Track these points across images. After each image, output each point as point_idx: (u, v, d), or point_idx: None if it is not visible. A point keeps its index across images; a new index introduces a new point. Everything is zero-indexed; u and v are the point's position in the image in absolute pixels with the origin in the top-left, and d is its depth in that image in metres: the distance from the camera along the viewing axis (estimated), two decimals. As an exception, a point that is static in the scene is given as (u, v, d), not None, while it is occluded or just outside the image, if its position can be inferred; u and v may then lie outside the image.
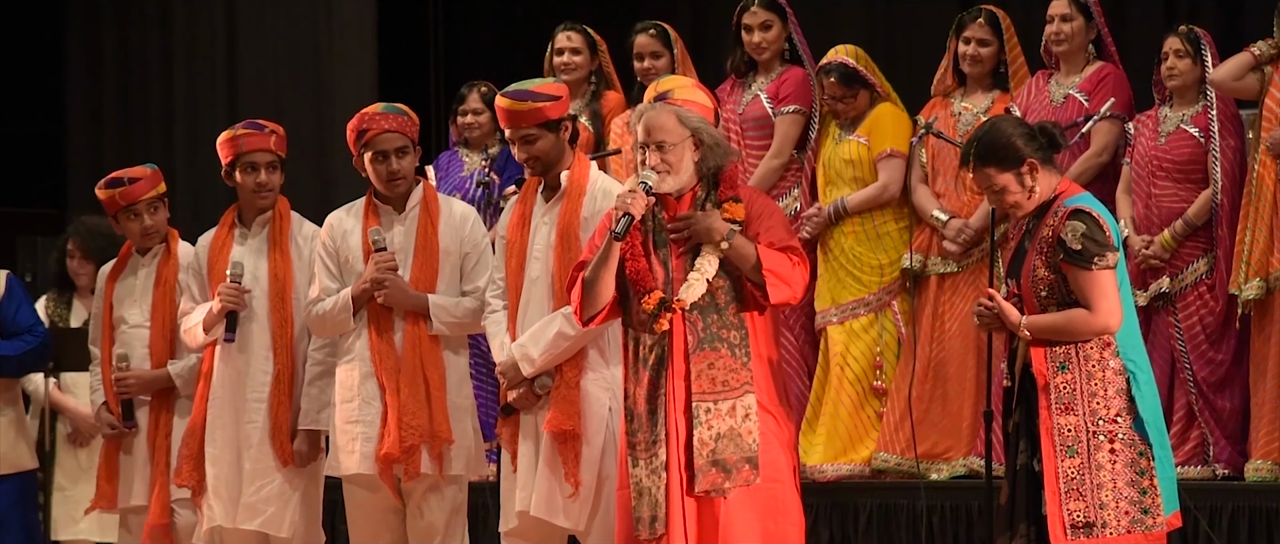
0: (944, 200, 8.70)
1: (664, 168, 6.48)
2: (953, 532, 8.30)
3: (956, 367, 8.61)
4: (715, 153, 6.52)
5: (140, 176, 7.91)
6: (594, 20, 9.40)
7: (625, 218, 6.37)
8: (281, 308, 7.57)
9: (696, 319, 6.43)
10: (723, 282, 6.44)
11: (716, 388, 6.41)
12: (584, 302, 6.53)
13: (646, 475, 6.43)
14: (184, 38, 12.68)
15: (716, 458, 6.38)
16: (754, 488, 6.41)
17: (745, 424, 6.40)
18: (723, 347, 6.43)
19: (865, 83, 8.74)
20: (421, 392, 7.23)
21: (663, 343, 6.45)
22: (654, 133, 6.49)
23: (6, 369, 8.05)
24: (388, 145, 7.32)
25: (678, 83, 6.75)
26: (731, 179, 6.56)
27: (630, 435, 6.50)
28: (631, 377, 6.54)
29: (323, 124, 12.04)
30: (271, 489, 7.56)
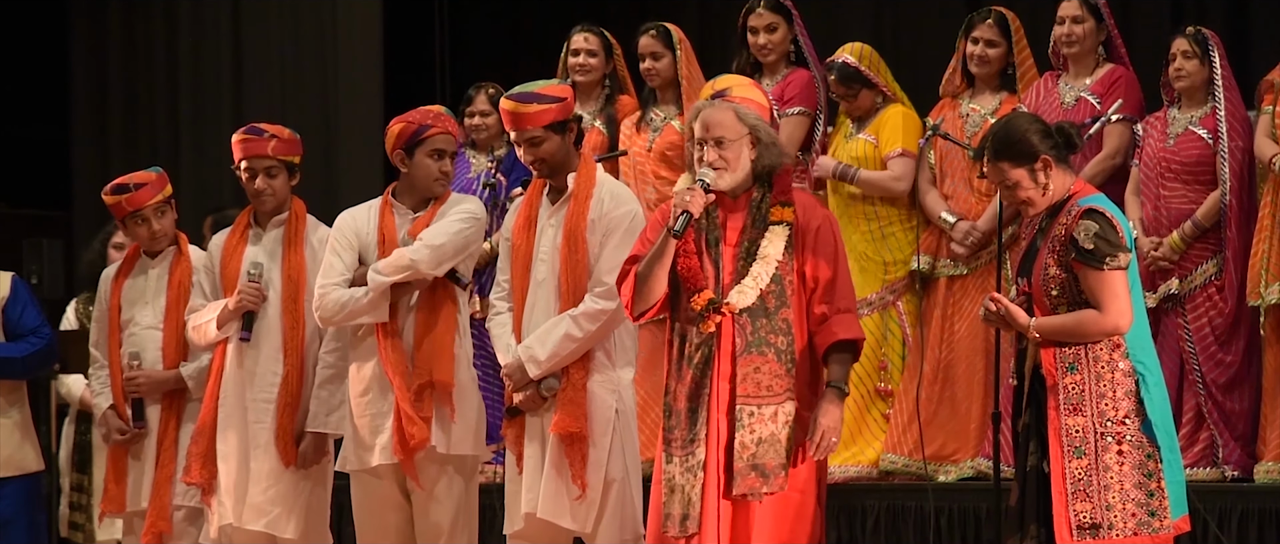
0: (952, 202, 8.70)
1: (722, 164, 6.46)
2: (961, 533, 8.30)
3: (965, 368, 8.61)
4: (771, 152, 6.52)
5: (146, 181, 7.89)
6: (600, 21, 9.39)
7: (684, 215, 6.37)
8: (294, 309, 7.57)
9: (745, 322, 6.42)
10: (773, 286, 6.44)
11: (760, 392, 6.40)
12: (636, 296, 6.52)
13: (680, 473, 6.43)
14: (189, 40, 12.69)
15: (756, 462, 6.38)
16: (783, 495, 6.41)
17: (784, 431, 6.40)
18: (769, 351, 6.42)
19: (866, 82, 8.74)
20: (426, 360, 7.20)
21: (709, 343, 6.45)
22: (713, 129, 6.49)
23: (13, 371, 8.04)
24: (446, 146, 7.33)
25: (735, 81, 6.75)
26: (785, 181, 6.56)
27: (667, 432, 6.50)
28: (674, 374, 6.54)
29: (329, 125, 12.05)
30: (278, 490, 7.55)
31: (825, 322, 6.46)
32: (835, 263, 6.50)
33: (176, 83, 12.69)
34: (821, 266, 6.47)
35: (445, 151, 7.31)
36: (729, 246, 6.50)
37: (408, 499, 7.35)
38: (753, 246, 6.47)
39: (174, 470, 7.78)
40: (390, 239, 7.30)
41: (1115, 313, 6.17)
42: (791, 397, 6.42)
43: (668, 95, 9.12)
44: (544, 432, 6.98)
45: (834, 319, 6.45)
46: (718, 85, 6.68)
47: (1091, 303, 6.19)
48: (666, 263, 6.48)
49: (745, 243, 6.48)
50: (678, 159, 9.01)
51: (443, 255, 7.19)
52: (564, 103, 7.03)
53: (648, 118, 9.13)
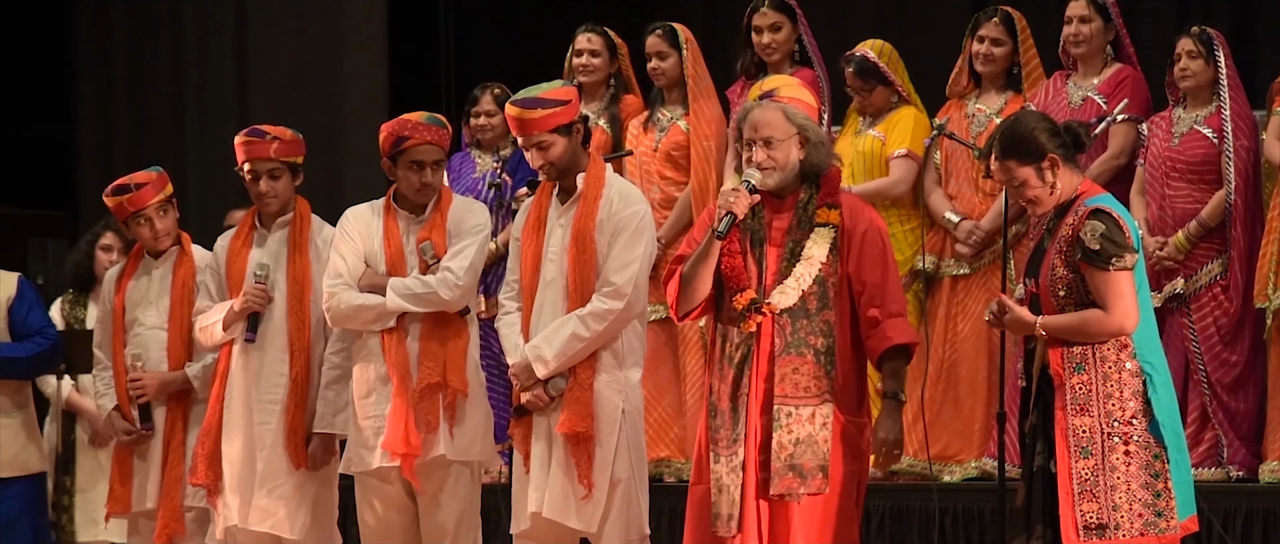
0: (957, 202, 8.70)
1: (769, 164, 6.47)
2: (965, 534, 8.30)
3: (969, 368, 8.61)
4: (819, 152, 6.53)
5: (146, 181, 7.88)
6: (605, 21, 9.39)
7: (728, 216, 6.38)
8: (299, 311, 7.57)
9: (786, 322, 6.43)
10: (816, 288, 6.44)
11: (799, 393, 6.41)
12: (681, 296, 6.55)
13: (726, 472, 6.44)
14: (194, 40, 12.68)
15: (793, 462, 6.39)
16: (824, 498, 6.42)
17: (822, 432, 6.41)
18: (809, 352, 6.42)
19: (883, 79, 8.75)
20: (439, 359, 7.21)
21: (749, 342, 6.46)
22: (761, 129, 6.49)
23: (17, 371, 8.04)
24: (425, 157, 7.30)
25: (783, 81, 6.79)
26: (833, 183, 6.56)
27: (712, 431, 6.51)
28: (716, 373, 6.55)
29: (333, 125, 12.05)
30: (283, 491, 7.54)
31: (877, 326, 6.47)
32: (884, 266, 6.50)
33: (181, 83, 12.69)
34: (869, 269, 6.47)
35: (425, 163, 7.26)
36: (774, 247, 6.52)
37: (413, 500, 7.35)
38: (797, 247, 6.48)
39: (183, 471, 7.78)
40: (395, 243, 7.30)
41: (1120, 313, 6.16)
42: (830, 399, 6.43)
43: (674, 95, 9.12)
44: (551, 431, 6.97)
45: (887, 323, 6.47)
46: (766, 86, 6.70)
47: (1098, 303, 6.19)
48: (711, 263, 6.50)
49: (790, 243, 6.49)
50: (683, 159, 9.00)
51: (470, 293, 7.25)
52: (569, 105, 7.02)
53: (654, 118, 9.12)
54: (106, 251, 9.47)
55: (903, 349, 6.51)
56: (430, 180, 7.31)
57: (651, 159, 9.06)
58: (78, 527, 9.41)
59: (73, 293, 9.57)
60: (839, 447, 6.45)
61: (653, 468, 8.87)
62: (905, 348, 6.51)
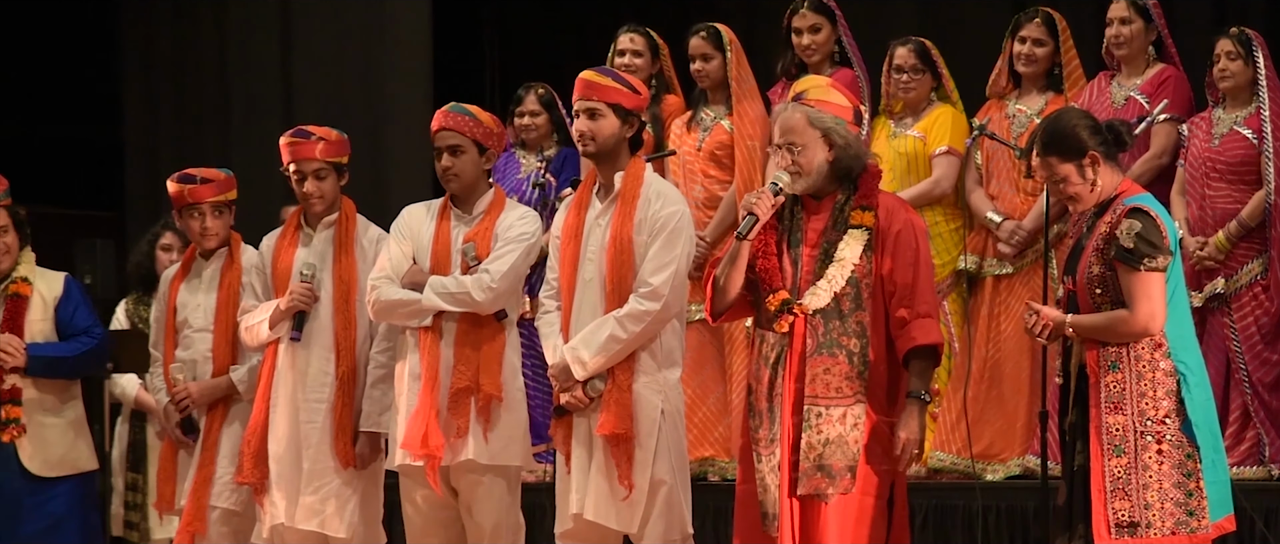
0: (998, 202, 8.71)
1: (795, 168, 6.49)
2: (1009, 532, 8.29)
3: (1012, 367, 8.61)
4: (848, 154, 6.52)
5: (211, 178, 7.96)
6: (648, 21, 9.41)
7: (750, 218, 6.42)
8: (345, 310, 7.60)
9: (818, 323, 6.44)
10: (849, 289, 6.47)
11: (830, 393, 6.42)
12: (713, 297, 6.59)
13: (768, 472, 6.47)
14: (239, 41, 12.72)
15: (822, 462, 6.41)
16: (851, 497, 6.43)
17: (853, 433, 6.42)
18: (841, 353, 6.43)
19: (935, 70, 8.79)
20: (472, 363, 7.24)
21: (783, 343, 6.48)
22: (785, 133, 6.52)
23: (63, 370, 8.07)
24: (440, 142, 7.37)
25: (814, 83, 6.77)
26: (870, 183, 6.57)
27: (753, 431, 6.54)
28: (754, 373, 6.58)
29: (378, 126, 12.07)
30: (329, 490, 7.58)
31: (905, 326, 6.46)
32: (916, 267, 6.49)
33: (226, 84, 12.73)
34: (901, 270, 6.47)
35: (441, 148, 7.34)
36: (808, 248, 6.52)
37: (455, 497, 7.39)
38: (831, 248, 6.49)
39: (213, 472, 7.80)
40: (444, 242, 7.34)
41: (1145, 315, 6.15)
42: (862, 400, 6.44)
43: (718, 96, 9.13)
44: (591, 433, 6.98)
45: (914, 324, 6.46)
46: (796, 88, 6.70)
47: (1126, 303, 6.20)
48: (741, 265, 6.52)
49: (824, 244, 6.50)
50: (727, 158, 9.02)
51: (504, 298, 7.28)
52: (638, 95, 7.07)
53: (697, 117, 9.14)
54: (166, 251, 9.54)
55: (929, 350, 6.50)
56: (447, 165, 7.35)
57: (695, 158, 9.09)
58: (152, 524, 9.47)
59: (137, 293, 9.64)
60: (870, 447, 6.46)
61: (697, 467, 8.90)
62: (932, 349, 6.51)
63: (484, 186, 7.44)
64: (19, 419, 7.96)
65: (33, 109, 13.51)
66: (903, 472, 6.52)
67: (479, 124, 7.37)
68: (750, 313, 6.69)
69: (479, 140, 7.36)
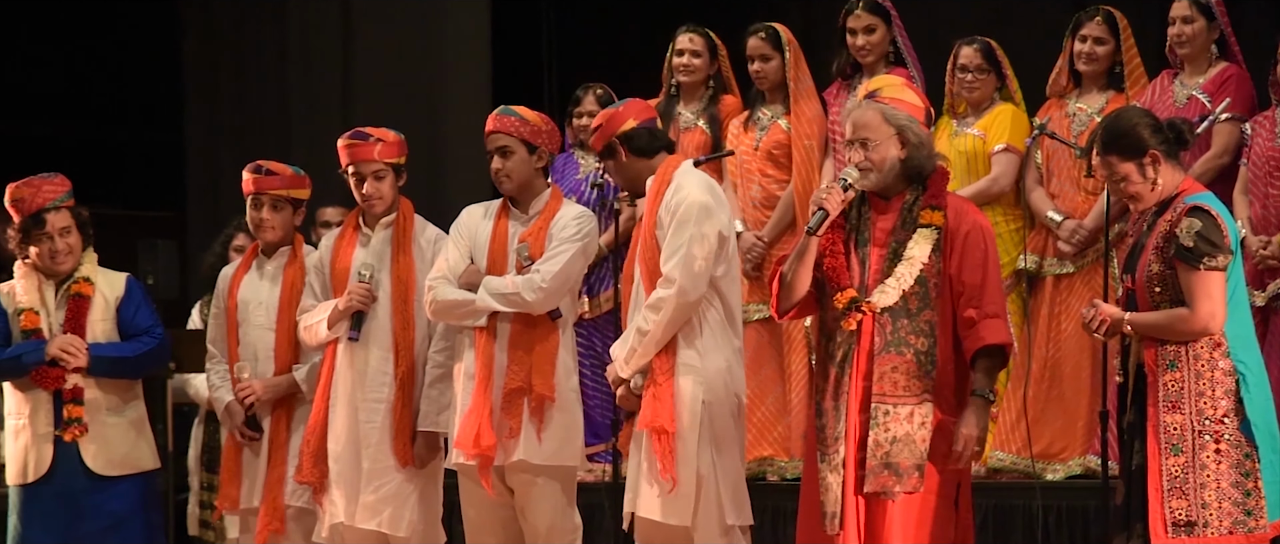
0: (1058, 201, 8.68)
1: (866, 165, 6.50)
2: (1069, 532, 8.26)
3: (1072, 367, 8.58)
4: (920, 153, 6.54)
5: (277, 172, 8.02)
6: (706, 21, 9.40)
7: (820, 213, 6.43)
8: (404, 310, 7.63)
9: (886, 321, 6.45)
10: (918, 288, 6.46)
11: (897, 392, 6.43)
12: (780, 294, 6.61)
13: (830, 471, 6.48)
14: (299, 44, 12.77)
15: (889, 460, 6.41)
16: (918, 496, 6.43)
17: (920, 431, 6.43)
18: (908, 352, 6.45)
19: (999, 70, 8.75)
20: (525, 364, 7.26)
21: (851, 341, 6.49)
22: (859, 130, 6.53)
23: (125, 370, 8.10)
24: (491, 145, 7.43)
25: (888, 82, 6.81)
26: (939, 184, 6.58)
27: (818, 430, 6.55)
28: (820, 372, 6.58)
29: (437, 127, 12.10)
30: (389, 489, 7.61)
31: (973, 326, 6.48)
32: (985, 268, 6.51)
33: (287, 85, 12.78)
34: (970, 271, 6.49)
35: (491, 150, 7.44)
36: (876, 247, 6.54)
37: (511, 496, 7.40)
38: (900, 248, 6.50)
39: (285, 471, 7.86)
40: (500, 242, 7.38)
41: (1205, 314, 6.13)
42: (929, 398, 6.45)
43: (775, 96, 9.12)
44: (639, 430, 7.05)
45: (982, 324, 6.47)
46: (870, 87, 6.72)
47: (1185, 301, 6.16)
48: (808, 261, 6.54)
49: (892, 244, 6.51)
50: (784, 158, 9.02)
51: (555, 298, 7.31)
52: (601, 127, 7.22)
53: (754, 117, 9.14)
54: (239, 252, 9.58)
55: (997, 350, 6.51)
56: (498, 167, 7.42)
57: (752, 158, 9.07)
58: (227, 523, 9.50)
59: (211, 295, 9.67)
60: (937, 446, 6.45)
61: (757, 466, 8.90)
62: (1000, 348, 6.51)
63: (540, 186, 7.47)
64: (81, 418, 7.99)
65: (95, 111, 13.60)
66: (964, 469, 6.51)
67: (527, 124, 7.40)
68: (814, 310, 6.69)
69: (528, 140, 7.39)
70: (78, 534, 7.99)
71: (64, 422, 7.97)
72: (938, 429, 6.46)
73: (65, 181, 8.10)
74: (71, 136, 13.12)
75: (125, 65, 13.59)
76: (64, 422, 7.97)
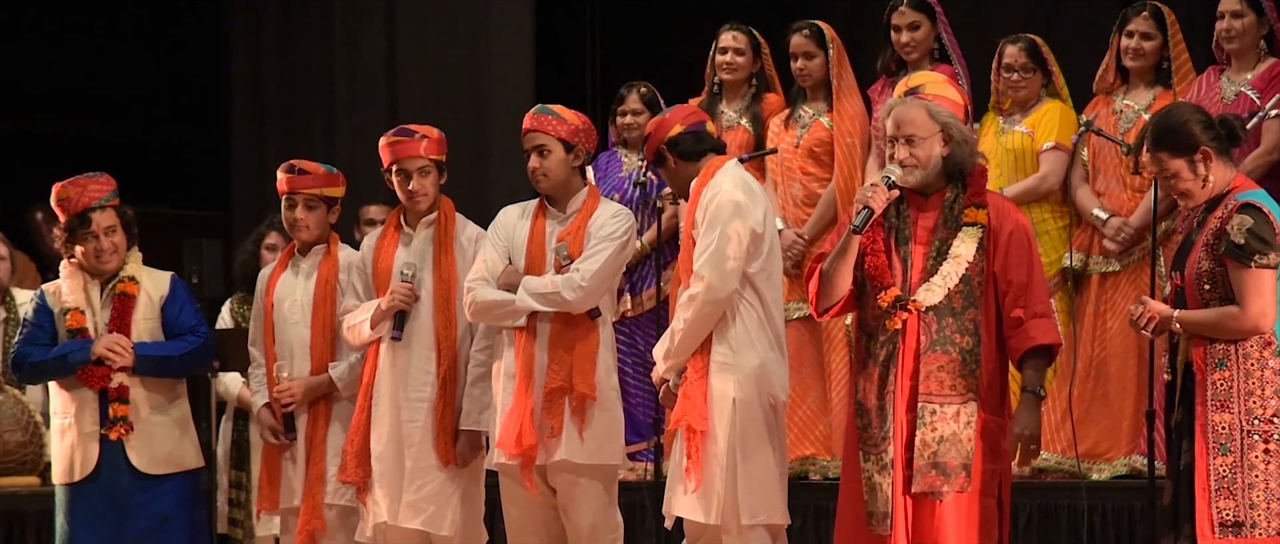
0: (1105, 199, 8.62)
1: (912, 162, 6.47)
2: (1115, 532, 8.21)
3: (1118, 365, 8.53)
4: (963, 150, 6.51)
5: (310, 171, 8.03)
6: (749, 19, 9.38)
7: (865, 211, 6.40)
8: (446, 309, 7.64)
9: (931, 320, 6.43)
10: (962, 287, 6.43)
11: (944, 391, 6.41)
12: (820, 293, 6.58)
13: (877, 471, 6.45)
14: (344, 43, 12.81)
15: (937, 460, 6.39)
16: (966, 496, 6.41)
17: (966, 431, 6.40)
18: (954, 351, 6.42)
19: (1045, 67, 8.71)
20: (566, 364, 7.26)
21: (894, 340, 6.46)
22: (903, 126, 6.49)
23: (170, 369, 8.12)
24: (528, 144, 7.43)
25: (929, 78, 6.75)
26: (980, 182, 6.55)
27: (861, 430, 6.52)
28: (861, 371, 6.55)
29: (480, 126, 12.12)
30: (432, 488, 7.61)
31: (1021, 325, 6.45)
32: (1030, 266, 6.49)
33: (332, 84, 12.81)
34: (1015, 269, 6.46)
35: (528, 148, 7.42)
36: (919, 245, 6.51)
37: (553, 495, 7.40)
38: (944, 246, 6.47)
39: (324, 469, 7.87)
40: (538, 241, 7.37)
41: (1256, 312, 6.08)
42: (975, 397, 6.42)
43: (818, 94, 9.09)
44: (678, 429, 7.05)
45: (1030, 323, 6.45)
46: (911, 82, 6.67)
47: (1235, 299, 6.11)
48: (850, 260, 6.50)
49: (936, 242, 6.49)
50: (826, 156, 8.99)
51: (594, 296, 7.31)
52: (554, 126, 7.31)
53: (795, 115, 9.11)
54: (271, 251, 9.61)
55: (1045, 349, 6.49)
56: (535, 165, 7.41)
57: (793, 156, 9.05)
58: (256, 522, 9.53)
59: (242, 293, 9.71)
60: (981, 445, 6.42)
61: (798, 465, 8.87)
62: (1048, 348, 6.49)
63: (577, 185, 7.46)
64: (127, 417, 8.01)
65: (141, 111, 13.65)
66: (1022, 467, 6.48)
67: (564, 123, 7.40)
68: (853, 309, 6.65)
69: (565, 139, 7.39)
70: (124, 533, 8.02)
71: (109, 420, 7.99)
72: (981, 428, 6.42)
73: (111, 181, 8.12)
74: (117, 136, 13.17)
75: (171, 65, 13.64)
76: (109, 420, 7.99)
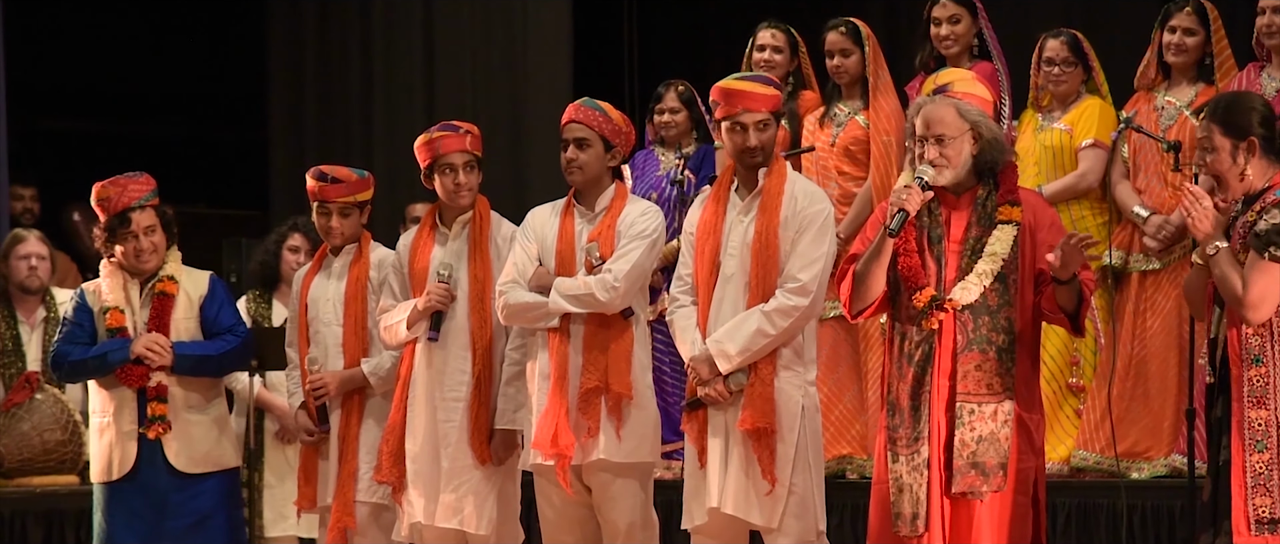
0: (1145, 197, 8.58)
1: (942, 162, 6.44)
2: (1155, 532, 8.17)
3: (1158, 364, 8.48)
4: (993, 148, 6.48)
5: (343, 178, 8.03)
6: (787, 17, 9.36)
7: (900, 214, 6.36)
8: (481, 309, 7.63)
9: (967, 319, 6.40)
10: (996, 285, 6.40)
11: (981, 390, 6.38)
12: (854, 295, 6.54)
13: (908, 471, 6.42)
14: (382, 43, 12.83)
15: (976, 460, 6.37)
16: (1003, 495, 6.39)
17: (1004, 430, 6.38)
18: (991, 349, 6.39)
19: (1086, 63, 8.67)
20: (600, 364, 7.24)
21: (930, 340, 6.43)
22: (934, 125, 6.46)
23: (208, 368, 8.15)
24: (568, 135, 7.41)
25: (957, 75, 6.72)
26: (1012, 179, 6.52)
27: (891, 430, 6.49)
28: (895, 371, 6.52)
29: (518, 125, 12.14)
30: (469, 487, 7.61)
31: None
32: None
33: (371, 83, 12.85)
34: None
35: (568, 140, 7.39)
36: (953, 244, 6.48)
37: (589, 494, 7.38)
38: (979, 244, 6.44)
39: (356, 466, 7.88)
40: (567, 241, 7.36)
41: (1254, 298, 6.07)
42: (1011, 396, 6.39)
43: (854, 92, 9.06)
44: (727, 427, 6.98)
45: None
46: (939, 80, 6.64)
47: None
48: (884, 261, 6.46)
49: (970, 240, 6.46)
50: (861, 154, 8.96)
51: (628, 296, 7.28)
52: (780, 95, 7.12)
53: (831, 113, 9.08)
54: (294, 252, 9.62)
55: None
56: (571, 157, 7.39)
57: (829, 155, 9.02)
58: (267, 521, 9.56)
59: (258, 291, 9.72)
60: (1017, 442, 6.40)
61: (835, 465, 8.85)
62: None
63: (607, 182, 7.44)
64: (165, 416, 8.05)
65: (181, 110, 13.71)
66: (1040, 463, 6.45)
67: (609, 120, 7.38)
68: (886, 309, 6.62)
69: (607, 136, 7.37)
70: (162, 531, 8.06)
71: (148, 419, 8.04)
72: (1017, 426, 6.40)
73: (150, 181, 8.15)
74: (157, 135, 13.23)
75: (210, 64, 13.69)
76: (148, 419, 8.04)
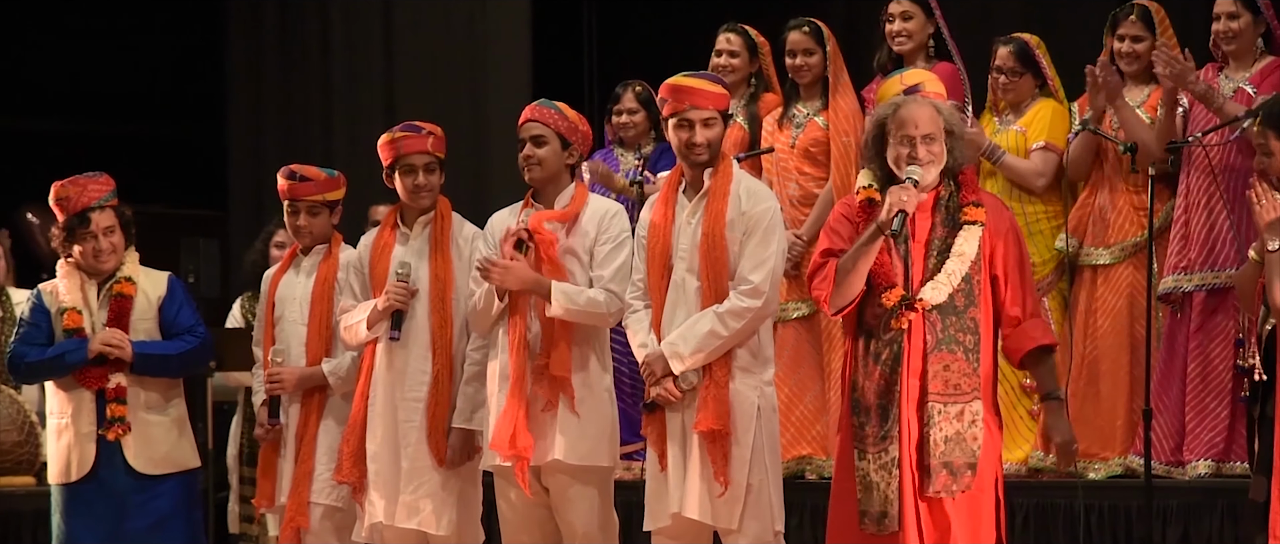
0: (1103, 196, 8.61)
1: (929, 159, 6.46)
2: (1111, 532, 8.20)
3: (1109, 364, 8.51)
4: (962, 148, 6.52)
5: (311, 177, 8.02)
6: (749, 17, 9.37)
7: (900, 215, 6.36)
8: (442, 308, 7.62)
9: (936, 319, 6.43)
10: (963, 285, 6.43)
11: (949, 390, 6.41)
12: (836, 291, 6.52)
13: (875, 470, 6.44)
14: (342, 42, 12.82)
15: (946, 460, 6.40)
16: (972, 495, 6.43)
17: (971, 429, 6.41)
18: (959, 350, 6.43)
19: (1037, 68, 8.70)
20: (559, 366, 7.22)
21: (898, 339, 6.45)
22: (921, 125, 6.47)
23: (168, 368, 8.14)
24: (525, 133, 7.41)
25: (925, 76, 6.76)
26: (973, 179, 6.57)
27: (857, 429, 6.50)
28: (861, 370, 6.53)
29: (478, 124, 12.13)
30: (428, 488, 7.60)
31: (1019, 325, 6.50)
32: (1022, 266, 6.53)
33: (330, 83, 12.83)
34: (1012, 269, 6.50)
35: (525, 139, 7.38)
36: (918, 244, 6.50)
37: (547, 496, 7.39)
38: (945, 244, 6.47)
39: (312, 466, 7.86)
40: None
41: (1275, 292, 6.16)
42: (979, 396, 6.43)
43: (813, 92, 9.08)
44: (686, 430, 6.98)
45: (1029, 324, 6.50)
46: (908, 80, 6.68)
47: None
48: (871, 259, 6.47)
49: (936, 240, 6.48)
50: (821, 155, 8.97)
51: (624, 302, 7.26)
52: (727, 94, 7.11)
53: (789, 114, 9.09)
54: (280, 249, 9.61)
55: (1046, 350, 6.53)
56: (529, 154, 7.37)
57: (789, 156, 9.03)
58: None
59: (251, 292, 9.71)
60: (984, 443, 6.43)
61: (795, 465, 8.87)
62: (1049, 348, 6.53)
63: (566, 181, 7.43)
64: (124, 418, 8.03)
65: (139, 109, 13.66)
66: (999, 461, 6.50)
67: (564, 118, 7.40)
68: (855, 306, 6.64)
69: (563, 134, 7.38)
70: (121, 533, 8.04)
71: (107, 420, 8.02)
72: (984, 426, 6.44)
73: (110, 181, 8.14)
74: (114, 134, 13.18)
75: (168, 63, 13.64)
76: (107, 420, 8.02)
